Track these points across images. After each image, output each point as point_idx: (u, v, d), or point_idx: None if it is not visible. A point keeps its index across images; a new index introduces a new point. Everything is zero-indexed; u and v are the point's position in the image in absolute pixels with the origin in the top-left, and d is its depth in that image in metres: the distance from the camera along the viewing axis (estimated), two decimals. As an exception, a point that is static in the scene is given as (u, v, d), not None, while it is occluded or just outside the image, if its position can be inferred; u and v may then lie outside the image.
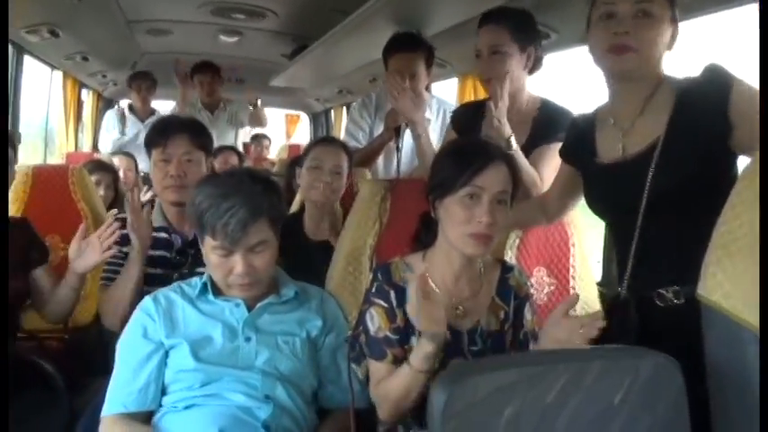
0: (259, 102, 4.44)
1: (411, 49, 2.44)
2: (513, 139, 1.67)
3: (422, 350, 1.24)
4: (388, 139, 2.55)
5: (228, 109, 4.33)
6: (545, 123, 1.82)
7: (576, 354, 1.01)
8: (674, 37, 1.33)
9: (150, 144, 1.83)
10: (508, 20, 1.81)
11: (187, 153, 1.79)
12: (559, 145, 1.74)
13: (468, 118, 1.99)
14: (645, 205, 1.32)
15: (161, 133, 1.81)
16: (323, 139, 2.24)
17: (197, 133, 1.85)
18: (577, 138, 1.54)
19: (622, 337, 1.32)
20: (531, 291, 1.60)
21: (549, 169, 1.76)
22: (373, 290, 1.38)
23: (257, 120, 4.55)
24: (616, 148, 1.39)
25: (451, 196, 1.30)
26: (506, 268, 1.45)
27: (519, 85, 1.85)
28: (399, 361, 1.32)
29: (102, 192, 3.03)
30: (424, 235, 1.43)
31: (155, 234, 1.78)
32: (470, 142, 1.47)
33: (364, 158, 2.63)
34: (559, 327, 1.18)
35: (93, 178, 2.99)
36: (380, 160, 2.77)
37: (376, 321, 1.36)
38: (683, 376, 0.90)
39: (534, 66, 1.87)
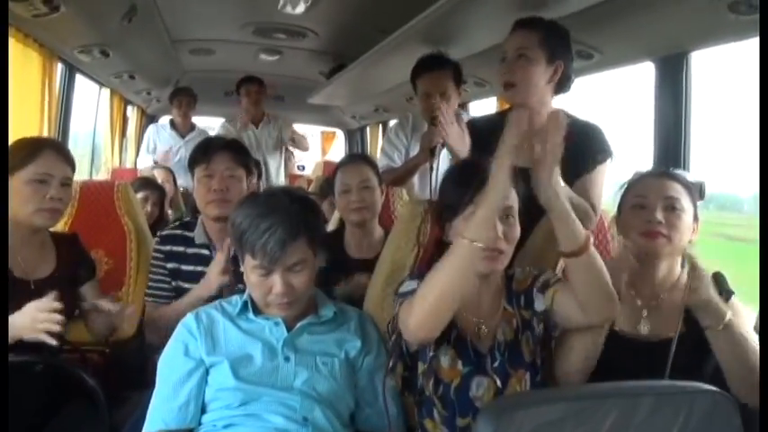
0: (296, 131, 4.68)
1: (438, 68, 2.44)
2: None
3: (479, 216, 1.19)
4: (424, 160, 2.54)
5: (272, 124, 4.43)
6: (578, 143, 1.64)
7: (627, 389, 0.98)
8: (695, 231, 1.49)
9: (193, 163, 1.90)
10: (540, 27, 1.75)
11: (229, 169, 1.86)
12: (604, 167, 1.69)
13: (487, 131, 1.90)
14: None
15: (204, 152, 1.89)
16: (343, 162, 2.24)
17: (238, 152, 1.92)
18: None
19: None
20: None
21: (599, 194, 1.72)
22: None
23: (301, 144, 4.73)
24: (636, 323, 1.48)
25: (459, 217, 1.33)
26: (510, 275, 1.45)
27: (542, 98, 1.75)
28: None
29: (148, 208, 3.12)
30: (438, 259, 1.42)
31: (196, 250, 1.82)
32: (470, 162, 1.48)
33: (398, 178, 2.62)
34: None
35: (141, 194, 3.08)
36: (416, 180, 2.76)
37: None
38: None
39: (562, 84, 1.78)
